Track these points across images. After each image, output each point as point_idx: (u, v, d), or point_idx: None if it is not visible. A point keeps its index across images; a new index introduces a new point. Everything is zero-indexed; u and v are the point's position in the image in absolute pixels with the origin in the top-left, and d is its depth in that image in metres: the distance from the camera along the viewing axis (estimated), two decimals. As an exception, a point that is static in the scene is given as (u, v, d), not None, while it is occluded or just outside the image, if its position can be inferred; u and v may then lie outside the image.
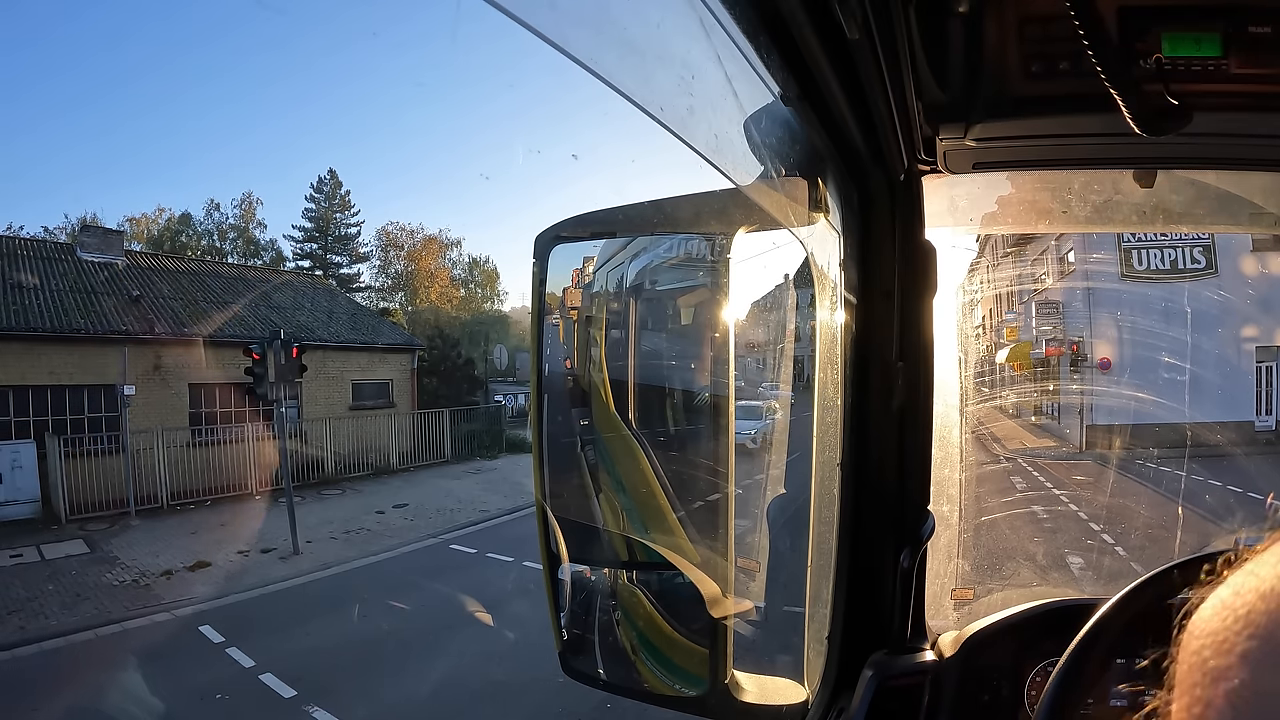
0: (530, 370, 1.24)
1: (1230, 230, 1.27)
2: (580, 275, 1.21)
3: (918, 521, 1.08)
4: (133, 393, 13.10)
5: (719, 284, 1.01)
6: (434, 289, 38.25)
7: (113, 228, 20.58)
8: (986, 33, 0.80)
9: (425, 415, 18.48)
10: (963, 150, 0.96)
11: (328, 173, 36.37)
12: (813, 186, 1.04)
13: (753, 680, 1.11)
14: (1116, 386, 10.80)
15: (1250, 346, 11.61)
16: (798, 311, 1.83)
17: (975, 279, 1.85)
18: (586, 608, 1.21)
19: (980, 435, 9.76)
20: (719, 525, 1.09)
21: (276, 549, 10.56)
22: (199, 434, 14.18)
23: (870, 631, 1.10)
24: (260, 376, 11.40)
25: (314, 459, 15.58)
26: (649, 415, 1.20)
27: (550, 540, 1.15)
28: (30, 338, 12.52)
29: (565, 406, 1.24)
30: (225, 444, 14.28)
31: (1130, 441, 9.59)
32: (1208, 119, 0.79)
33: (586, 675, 1.18)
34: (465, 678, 6.28)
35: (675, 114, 0.69)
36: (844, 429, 1.08)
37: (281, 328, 14.37)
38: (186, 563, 9.82)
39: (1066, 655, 0.78)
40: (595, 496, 1.17)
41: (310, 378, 14.86)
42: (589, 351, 1.23)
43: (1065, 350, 11.88)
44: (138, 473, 12.84)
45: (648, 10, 0.65)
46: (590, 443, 1.19)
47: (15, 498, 11.80)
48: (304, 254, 35.91)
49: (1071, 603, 1.05)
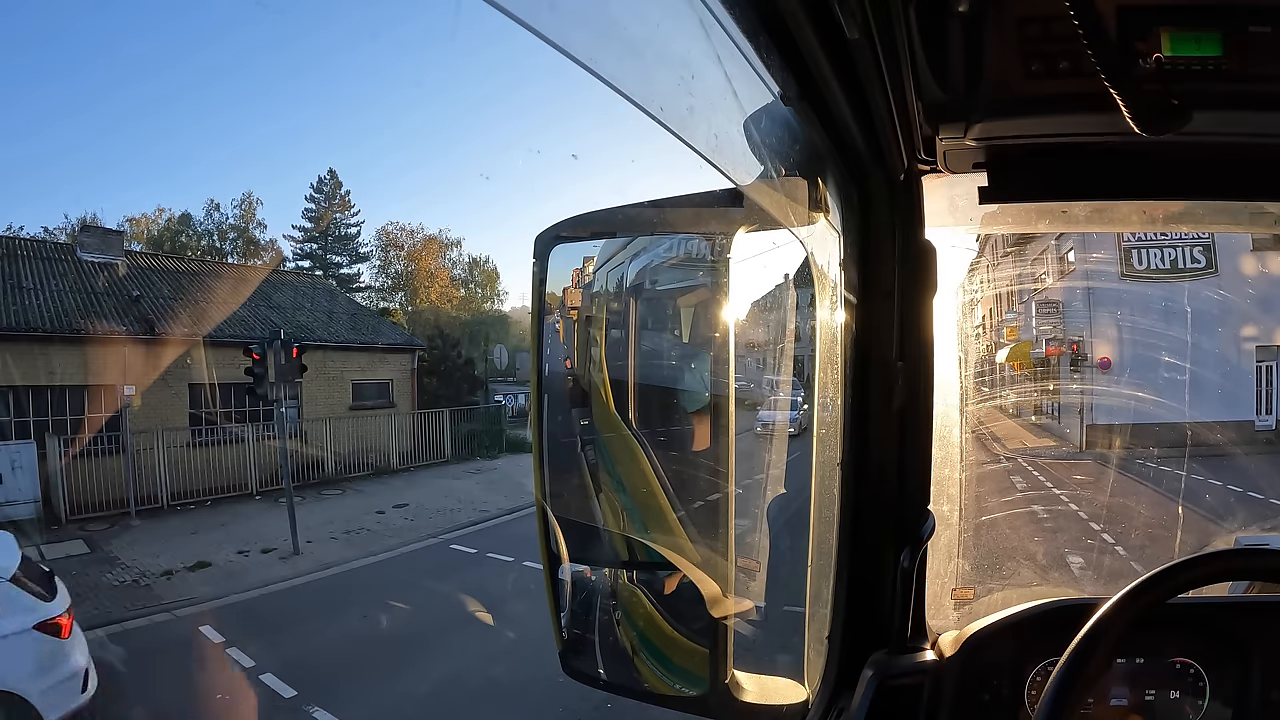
0: (530, 370, 1.24)
1: (1230, 230, 1.28)
2: (580, 275, 1.21)
3: (918, 521, 1.08)
4: (133, 393, 13.10)
5: (719, 284, 1.01)
6: (434, 289, 38.24)
7: (113, 228, 20.62)
8: (986, 32, 0.80)
9: (425, 415, 18.48)
10: (963, 150, 0.96)
11: (328, 173, 36.37)
12: (813, 186, 1.04)
13: (753, 680, 1.11)
14: (1116, 386, 10.80)
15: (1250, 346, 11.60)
16: (798, 311, 1.83)
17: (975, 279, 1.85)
18: (587, 607, 1.21)
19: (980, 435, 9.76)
20: (719, 525, 1.09)
21: (277, 549, 10.56)
22: (199, 434, 14.17)
23: (870, 631, 1.10)
24: (260, 376, 11.41)
25: (314, 459, 15.57)
26: (649, 415, 1.20)
27: (550, 540, 1.15)
28: (30, 338, 12.52)
29: (565, 406, 1.24)
30: (225, 444, 14.28)
31: (1130, 441, 9.59)
32: (1208, 118, 0.79)
33: (587, 675, 1.18)
34: (465, 678, 6.28)
35: (675, 114, 0.69)
36: (844, 429, 1.08)
37: (281, 328, 14.38)
38: (187, 563, 9.82)
39: (1066, 655, 0.78)
40: (595, 496, 1.17)
41: (310, 378, 14.85)
42: (589, 351, 1.23)
43: (1065, 350, 11.88)
44: (138, 473, 12.85)
45: (648, 10, 0.65)
46: (590, 442, 1.19)
47: (15, 498, 11.78)
48: (304, 254, 35.97)
49: (1071, 603, 1.05)
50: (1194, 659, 1.05)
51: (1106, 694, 1.05)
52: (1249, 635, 1.05)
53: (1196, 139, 0.82)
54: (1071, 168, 0.94)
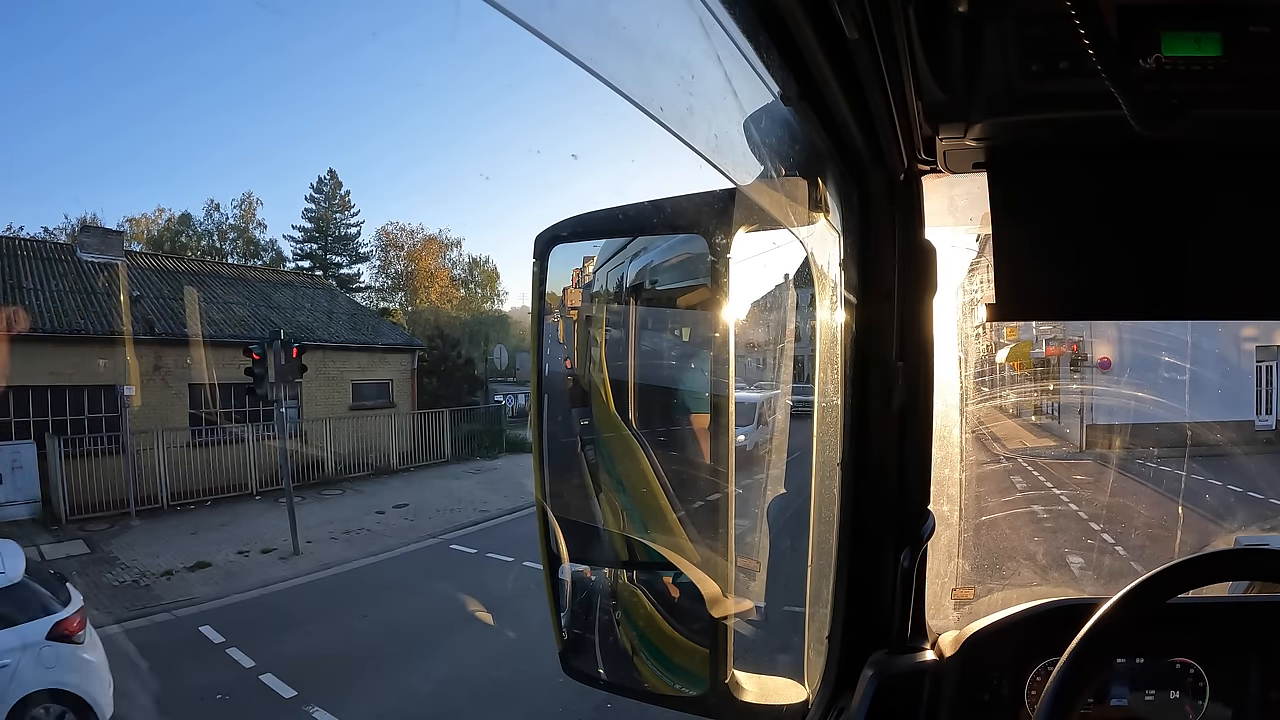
0: (530, 370, 1.24)
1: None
2: (580, 275, 1.21)
3: (918, 521, 1.08)
4: (133, 393, 13.10)
5: (719, 284, 1.01)
6: (434, 289, 38.23)
7: (112, 228, 20.57)
8: (986, 32, 0.80)
9: (425, 415, 18.48)
10: (963, 150, 0.96)
11: (328, 173, 36.31)
12: (813, 186, 1.04)
13: (753, 680, 1.11)
14: (1116, 386, 10.81)
15: (1250, 346, 11.61)
16: (798, 311, 1.83)
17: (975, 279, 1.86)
18: (587, 607, 1.21)
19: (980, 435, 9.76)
20: (719, 525, 1.09)
21: (277, 549, 10.56)
22: (199, 434, 14.17)
23: (870, 631, 1.10)
24: (260, 376, 11.41)
25: (314, 459, 15.57)
26: (649, 415, 1.20)
27: (551, 540, 1.15)
28: (30, 338, 12.51)
29: (565, 406, 1.24)
30: (225, 444, 14.28)
31: (1130, 441, 9.59)
32: (1208, 118, 0.79)
33: (587, 675, 1.18)
34: (465, 678, 6.28)
35: (675, 114, 0.69)
36: (844, 429, 1.08)
37: (281, 328, 14.37)
38: (187, 563, 9.82)
39: (1066, 655, 0.78)
40: (595, 496, 1.17)
41: (310, 378, 14.85)
42: (589, 351, 1.24)
43: (1065, 350, 11.88)
44: (138, 473, 12.84)
45: (648, 10, 0.65)
46: (590, 442, 1.19)
47: (15, 498, 11.79)
48: (304, 254, 35.96)
49: (1071, 603, 1.05)
50: (1194, 659, 1.05)
51: (1106, 694, 1.05)
52: (1249, 635, 1.05)
53: (1196, 139, 0.82)
54: (1072, 168, 0.94)
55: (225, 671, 6.52)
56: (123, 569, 9.66)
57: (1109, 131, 0.79)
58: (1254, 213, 0.90)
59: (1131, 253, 0.93)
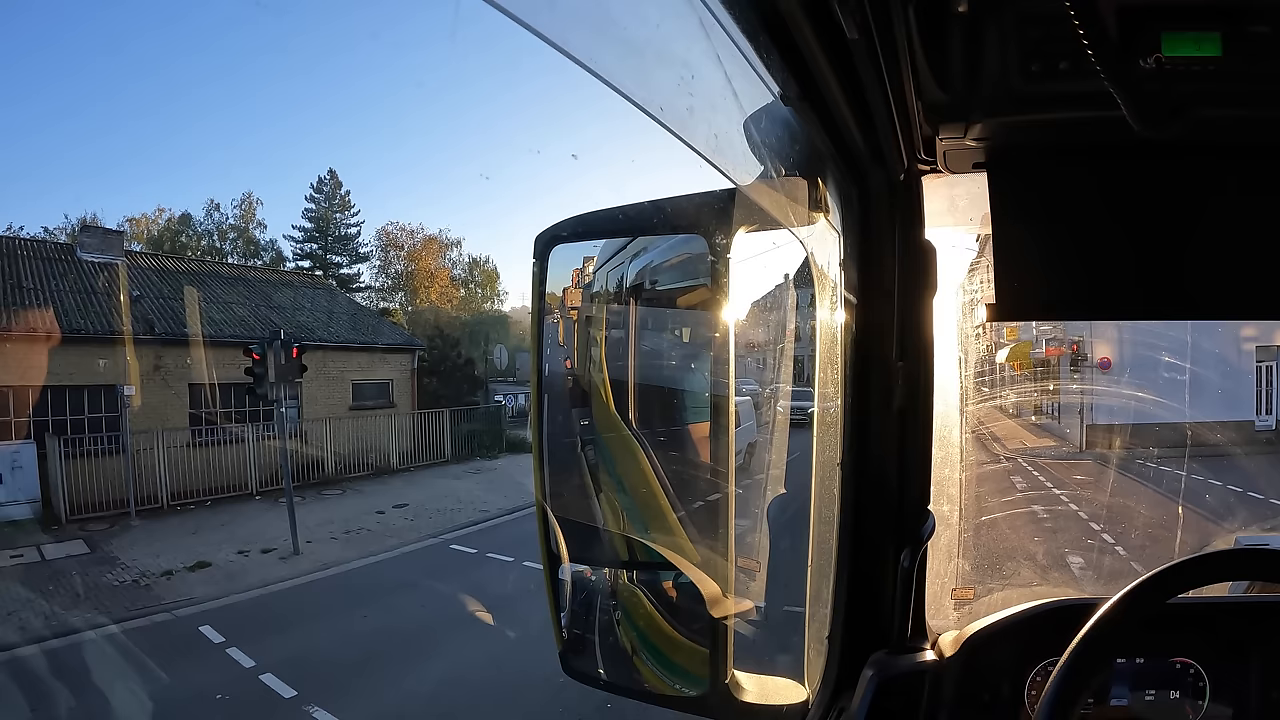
0: (530, 370, 1.24)
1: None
2: (580, 275, 1.21)
3: (918, 521, 1.08)
4: (133, 393, 13.10)
5: (719, 284, 1.01)
6: (434, 289, 38.23)
7: (113, 228, 20.57)
8: (986, 32, 0.80)
9: (425, 415, 18.47)
10: (963, 150, 0.96)
11: (328, 173, 36.28)
12: (813, 186, 1.04)
13: (753, 680, 1.11)
14: (1116, 386, 10.81)
15: (1250, 346, 11.62)
16: (798, 311, 1.83)
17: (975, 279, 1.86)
18: (587, 608, 1.21)
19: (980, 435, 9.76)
20: (719, 525, 1.09)
21: (277, 549, 10.55)
22: (199, 434, 14.17)
23: (871, 631, 1.10)
24: (260, 376, 11.41)
25: (314, 459, 15.57)
26: (649, 415, 1.20)
27: (550, 540, 1.15)
28: (30, 337, 12.51)
29: (565, 406, 1.24)
30: (225, 444, 14.28)
31: (1130, 441, 9.60)
32: (1208, 118, 0.79)
33: (587, 675, 1.18)
34: (465, 678, 6.28)
35: (675, 114, 0.69)
36: (844, 429, 1.08)
37: (281, 328, 14.37)
38: (187, 563, 9.82)
39: (1066, 655, 0.78)
40: (595, 496, 1.17)
41: (310, 378, 14.86)
42: (589, 351, 1.24)
43: (1065, 350, 11.89)
44: (138, 473, 12.83)
45: (647, 10, 0.65)
46: (590, 443, 1.20)
47: (15, 498, 11.78)
48: (304, 254, 35.95)
49: (1071, 603, 1.05)
50: (1194, 659, 1.05)
51: (1106, 694, 1.05)
52: (1249, 635, 1.05)
53: (1196, 139, 0.82)
54: (1072, 168, 0.94)
55: (225, 671, 6.52)
56: (123, 569, 9.65)
57: (1109, 131, 0.79)
58: (1254, 213, 0.90)
59: (1131, 253, 0.93)
